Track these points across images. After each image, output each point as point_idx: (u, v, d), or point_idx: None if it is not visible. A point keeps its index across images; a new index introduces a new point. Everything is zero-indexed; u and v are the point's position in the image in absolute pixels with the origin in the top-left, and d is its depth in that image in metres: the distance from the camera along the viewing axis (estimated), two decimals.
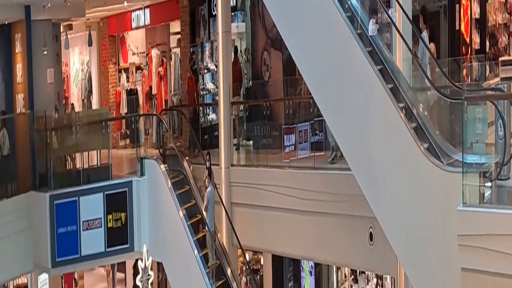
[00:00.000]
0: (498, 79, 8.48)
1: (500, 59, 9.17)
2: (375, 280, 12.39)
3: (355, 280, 12.19)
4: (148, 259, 8.90)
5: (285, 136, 9.45)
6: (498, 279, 5.35)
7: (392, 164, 6.56)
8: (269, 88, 11.17)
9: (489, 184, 5.62)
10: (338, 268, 11.71)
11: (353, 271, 12.07)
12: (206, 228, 9.20)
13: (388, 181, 6.59)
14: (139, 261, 8.89)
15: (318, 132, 9.31)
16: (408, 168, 6.40)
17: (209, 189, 9.11)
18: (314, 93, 7.37)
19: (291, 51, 7.61)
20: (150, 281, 9.03)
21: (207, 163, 9.21)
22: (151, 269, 9.20)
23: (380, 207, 6.68)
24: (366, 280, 12.27)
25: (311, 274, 11.46)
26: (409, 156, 6.36)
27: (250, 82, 11.82)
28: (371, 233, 7.99)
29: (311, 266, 11.47)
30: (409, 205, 6.39)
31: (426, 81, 6.45)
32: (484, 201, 5.59)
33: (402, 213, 6.44)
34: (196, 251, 9.05)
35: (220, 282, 9.10)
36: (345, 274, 11.99)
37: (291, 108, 9.81)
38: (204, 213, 9.25)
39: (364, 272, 12.16)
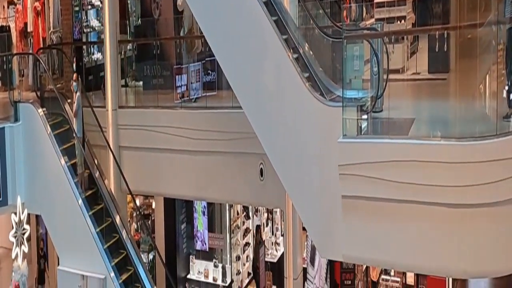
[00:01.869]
0: (373, 20, 9.55)
1: (375, 1, 10.41)
2: (265, 215, 13.55)
3: (247, 217, 13.17)
4: (23, 213, 8.99)
5: (176, 76, 9.77)
6: (373, 203, 6.43)
7: (280, 101, 7.20)
8: (159, 27, 11.33)
9: (365, 116, 6.68)
10: (230, 206, 12.43)
11: (245, 208, 12.95)
12: (74, 135, 9.38)
13: (277, 117, 7.22)
14: (13, 215, 8.93)
15: (210, 72, 9.83)
16: (295, 104, 7.06)
17: (78, 94, 9.28)
18: (206, 33, 7.80)
19: None
20: (26, 235, 9.18)
21: (73, 65, 9.29)
22: (28, 223, 9.35)
23: (269, 142, 7.29)
24: (258, 215, 13.54)
25: (204, 214, 12.17)
26: (295, 94, 7.02)
27: (139, 20, 11.95)
28: (261, 169, 8.69)
29: (204, 206, 12.17)
30: (296, 140, 7.08)
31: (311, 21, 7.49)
32: (362, 132, 6.64)
33: (289, 147, 7.13)
34: (80, 200, 9.24)
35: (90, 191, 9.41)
36: (237, 212, 12.85)
37: (182, 48, 10.20)
38: (74, 119, 9.41)
39: (258, 210, 13.13)
